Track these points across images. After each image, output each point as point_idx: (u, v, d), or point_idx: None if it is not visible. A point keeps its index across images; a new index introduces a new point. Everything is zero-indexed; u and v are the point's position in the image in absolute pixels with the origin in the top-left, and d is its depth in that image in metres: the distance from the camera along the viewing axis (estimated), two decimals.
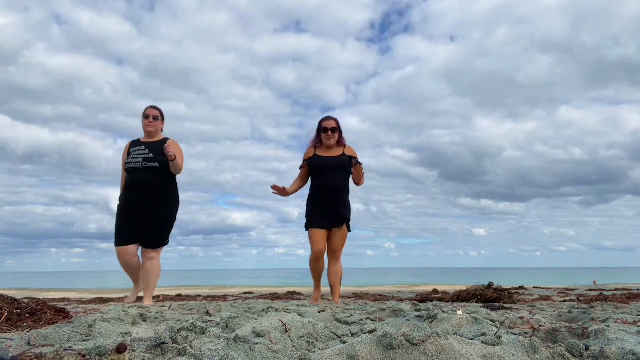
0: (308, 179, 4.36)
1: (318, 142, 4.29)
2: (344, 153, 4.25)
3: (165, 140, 4.18)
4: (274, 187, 4.27)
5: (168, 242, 4.19)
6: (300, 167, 4.36)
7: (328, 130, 4.20)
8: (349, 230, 4.26)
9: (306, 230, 4.24)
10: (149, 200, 4.03)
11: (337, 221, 4.17)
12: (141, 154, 4.07)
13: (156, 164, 4.03)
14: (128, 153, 4.16)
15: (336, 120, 4.28)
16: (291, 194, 4.36)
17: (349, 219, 4.26)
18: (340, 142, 4.29)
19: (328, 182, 4.17)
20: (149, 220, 4.05)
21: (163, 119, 4.27)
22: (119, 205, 4.18)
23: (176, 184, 4.23)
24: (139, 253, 4.21)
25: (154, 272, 4.10)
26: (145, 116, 4.18)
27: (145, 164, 4.02)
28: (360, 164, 4.12)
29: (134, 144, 4.21)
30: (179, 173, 4.18)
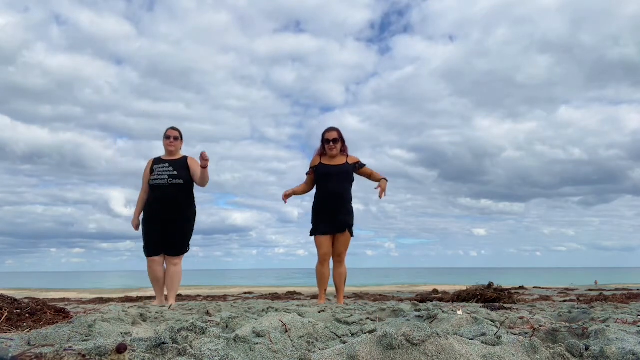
0: (314, 185, 4.60)
1: (323, 151, 4.53)
2: (347, 162, 4.50)
3: (186, 157, 4.61)
4: (284, 196, 4.54)
5: (189, 249, 4.60)
6: (307, 174, 4.61)
7: (330, 142, 4.44)
8: (352, 235, 4.47)
9: (311, 236, 4.49)
10: (174, 213, 4.44)
11: (340, 227, 4.38)
12: (166, 171, 4.48)
13: (181, 181, 4.47)
14: (151, 170, 4.55)
15: (338, 131, 4.51)
16: (299, 194, 4.62)
17: (352, 225, 4.47)
18: (344, 151, 4.53)
19: (332, 190, 4.41)
20: (173, 231, 4.46)
21: (182, 138, 4.67)
22: (145, 219, 4.57)
23: (194, 197, 4.63)
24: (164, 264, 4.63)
25: (177, 276, 4.56)
26: (167, 137, 4.58)
27: (170, 181, 4.43)
28: (385, 180, 4.48)
29: (157, 161, 4.60)
30: (205, 185, 4.56)
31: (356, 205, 4.49)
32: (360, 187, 4.60)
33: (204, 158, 4.22)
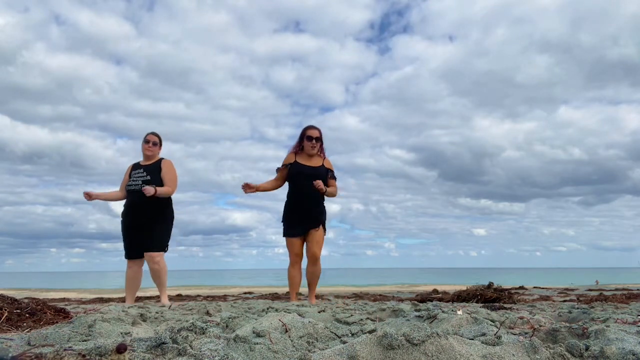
0: (284, 182, 4.52)
1: (300, 148, 4.45)
2: (323, 165, 4.42)
3: (160, 160, 4.66)
4: (246, 186, 4.38)
5: (167, 249, 4.63)
6: (277, 169, 4.50)
7: (312, 139, 4.36)
8: (325, 231, 4.42)
9: (283, 237, 4.47)
10: (148, 216, 4.51)
11: (312, 224, 4.33)
12: (140, 177, 4.57)
13: (153, 186, 4.48)
14: (129, 175, 4.65)
15: (320, 130, 4.44)
16: (262, 190, 4.50)
17: (324, 221, 4.41)
18: (321, 152, 4.46)
19: (304, 190, 4.33)
20: (148, 232, 4.52)
21: (161, 145, 4.75)
22: (122, 224, 4.66)
23: (171, 201, 4.69)
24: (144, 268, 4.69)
25: (161, 273, 4.56)
26: (146, 141, 4.65)
27: (144, 186, 4.44)
28: (331, 180, 4.39)
29: (135, 167, 4.69)
30: (170, 195, 4.62)
31: (356, 205, 4.50)
32: (360, 187, 4.61)
33: (145, 192, 4.32)
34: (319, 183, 4.22)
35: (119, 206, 4.77)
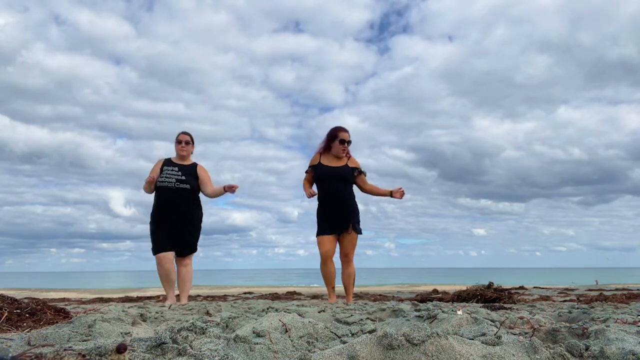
0: (313, 183, 4.53)
1: (326, 149, 4.40)
2: (347, 164, 4.39)
3: (196, 165, 4.75)
4: (312, 194, 4.45)
5: (197, 249, 4.72)
6: (306, 172, 4.52)
7: (345, 142, 4.32)
8: (359, 233, 4.37)
9: (317, 237, 4.40)
10: (180, 216, 4.55)
11: (343, 226, 4.30)
12: (174, 175, 4.58)
13: (187, 186, 4.58)
14: (161, 170, 4.63)
15: (349, 133, 4.39)
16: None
17: (357, 222, 4.37)
18: (348, 153, 4.44)
19: (331, 192, 4.34)
20: (181, 234, 4.57)
21: (194, 143, 4.78)
22: (152, 220, 4.63)
23: (200, 200, 4.76)
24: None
25: (189, 276, 4.70)
26: (179, 141, 4.69)
27: (177, 185, 4.54)
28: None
29: (167, 163, 4.69)
30: (213, 198, 4.75)
31: None
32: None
33: (233, 189, 4.55)
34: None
35: (118, 206, 4.84)
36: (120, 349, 1.19)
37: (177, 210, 4.53)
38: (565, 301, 5.46)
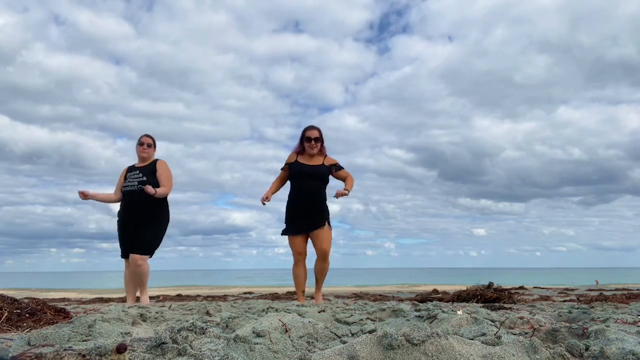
0: (287, 181, 4.56)
1: (301, 149, 4.48)
2: (323, 163, 4.43)
3: (155, 161, 4.70)
4: (265, 199, 4.48)
5: (152, 254, 4.58)
6: (282, 169, 4.57)
7: (311, 140, 4.39)
8: (330, 227, 4.38)
9: (282, 235, 4.46)
10: (142, 216, 4.52)
11: (315, 223, 4.32)
12: (136, 178, 4.59)
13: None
14: (125, 177, 4.68)
15: (319, 130, 4.46)
16: (276, 191, 4.59)
17: (328, 218, 4.39)
18: (322, 152, 4.48)
19: (305, 189, 4.35)
20: (139, 232, 4.52)
21: (155, 146, 4.80)
22: (117, 222, 4.67)
23: (167, 202, 4.69)
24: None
25: (141, 275, 4.54)
26: (140, 143, 4.71)
27: (140, 187, 4.50)
28: (347, 191, 4.36)
29: (130, 169, 4.72)
30: (167, 195, 4.64)
31: (356, 205, 4.49)
32: (360, 187, 4.56)
33: (147, 192, 4.40)
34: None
35: (118, 206, 4.78)
36: (120, 349, 1.19)
37: (137, 211, 4.52)
38: (565, 301, 5.46)
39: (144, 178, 4.56)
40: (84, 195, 4.56)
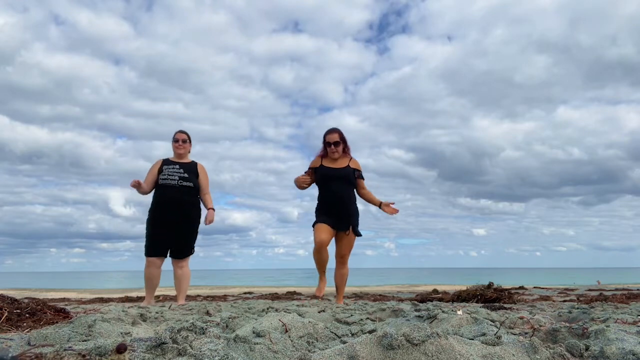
0: (313, 183, 4.48)
1: (325, 153, 4.42)
2: (348, 165, 4.38)
3: (195, 163, 4.72)
4: (305, 177, 4.36)
5: (194, 251, 4.66)
6: (305, 173, 4.45)
7: (331, 145, 4.34)
8: (358, 235, 4.35)
9: (312, 227, 4.30)
10: (181, 215, 4.49)
11: (343, 225, 4.26)
12: (177, 173, 4.54)
13: (191, 184, 4.55)
14: (160, 170, 4.57)
15: (339, 133, 4.39)
16: (309, 185, 4.47)
17: (356, 224, 4.34)
18: (346, 153, 4.43)
19: (333, 192, 4.30)
20: (179, 233, 4.50)
21: (191, 141, 4.75)
22: (150, 219, 4.55)
23: (200, 201, 4.71)
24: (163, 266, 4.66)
25: (186, 277, 4.64)
26: (175, 140, 4.66)
27: (181, 183, 4.50)
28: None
29: (167, 162, 4.64)
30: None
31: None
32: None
33: (208, 221, 4.55)
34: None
35: (118, 206, 4.78)
36: (120, 349, 1.19)
37: (177, 210, 4.45)
38: (565, 301, 5.46)
39: (185, 174, 4.53)
40: (139, 185, 4.43)
